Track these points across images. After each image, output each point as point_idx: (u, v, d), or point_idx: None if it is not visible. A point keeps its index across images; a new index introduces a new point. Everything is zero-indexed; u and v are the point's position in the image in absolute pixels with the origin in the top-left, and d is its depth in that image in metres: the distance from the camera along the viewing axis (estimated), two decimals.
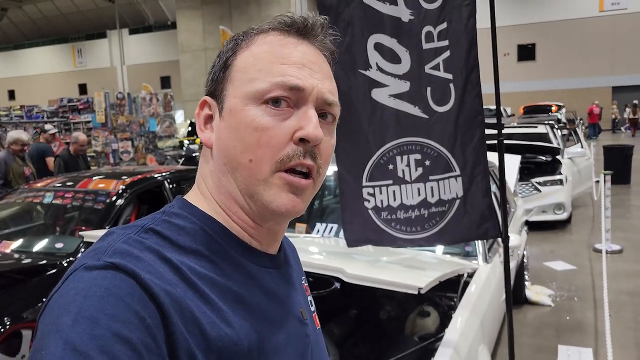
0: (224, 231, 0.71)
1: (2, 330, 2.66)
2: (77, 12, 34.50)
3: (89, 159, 7.84)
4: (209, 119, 0.75)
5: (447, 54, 2.28)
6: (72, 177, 4.49)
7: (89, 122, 10.80)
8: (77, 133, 7.55)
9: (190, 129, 14.95)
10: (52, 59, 37.46)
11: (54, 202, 4.05)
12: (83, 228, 3.75)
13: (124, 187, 4.02)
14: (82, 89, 34.38)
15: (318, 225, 3.56)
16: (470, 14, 2.24)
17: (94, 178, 4.24)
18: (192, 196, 0.75)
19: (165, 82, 31.70)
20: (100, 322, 0.54)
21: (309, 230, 3.56)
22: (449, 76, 2.29)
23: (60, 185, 4.20)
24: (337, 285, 2.72)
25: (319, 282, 2.64)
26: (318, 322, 0.86)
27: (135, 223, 0.68)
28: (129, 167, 6.80)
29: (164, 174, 4.47)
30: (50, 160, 7.27)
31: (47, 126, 8.70)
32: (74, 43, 36.73)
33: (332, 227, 3.45)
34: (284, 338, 0.71)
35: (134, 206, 4.22)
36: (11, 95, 37.75)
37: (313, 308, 0.86)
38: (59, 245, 3.65)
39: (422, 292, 1.83)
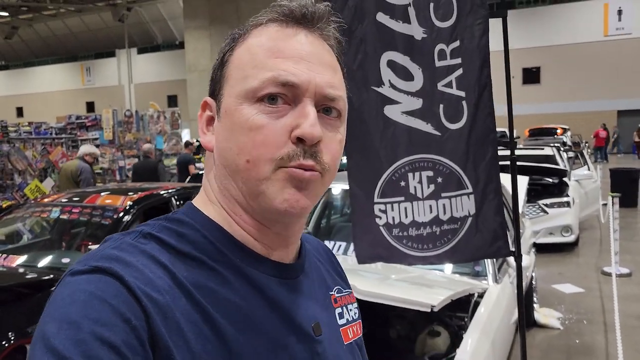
0: (226, 238, 0.68)
1: (6, 345, 2.64)
2: (87, 31, 35.00)
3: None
4: (211, 120, 0.72)
5: (459, 71, 2.29)
6: (80, 192, 4.50)
7: (96, 139, 10.85)
8: (148, 144, 8.82)
9: (198, 144, 15.04)
10: (61, 76, 37.91)
11: (61, 217, 4.05)
12: (90, 243, 3.75)
13: (131, 203, 4.02)
14: (90, 106, 34.68)
15: (327, 243, 3.54)
16: (483, 32, 2.26)
17: (101, 194, 4.25)
18: (199, 201, 0.73)
19: (172, 100, 31.95)
20: (83, 327, 0.53)
21: None
22: (462, 94, 2.29)
23: (67, 200, 4.20)
24: None
25: None
26: (349, 336, 0.79)
27: (136, 229, 0.66)
28: (136, 184, 6.85)
29: (170, 190, 4.48)
30: (192, 168, 8.81)
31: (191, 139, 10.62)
32: (83, 61, 37.21)
33: (340, 245, 3.43)
34: (281, 354, 0.65)
35: (141, 222, 4.21)
36: (19, 112, 38.11)
37: (344, 321, 0.79)
38: (65, 260, 3.64)
39: (435, 309, 1.81)
